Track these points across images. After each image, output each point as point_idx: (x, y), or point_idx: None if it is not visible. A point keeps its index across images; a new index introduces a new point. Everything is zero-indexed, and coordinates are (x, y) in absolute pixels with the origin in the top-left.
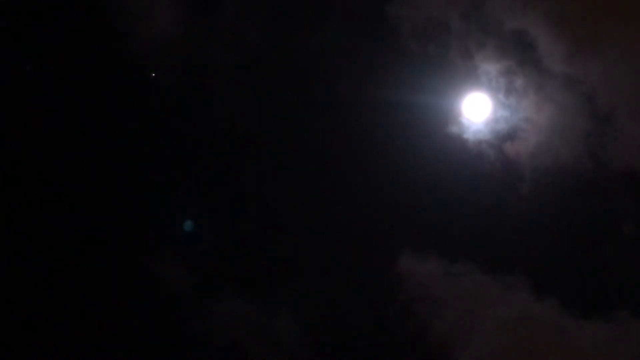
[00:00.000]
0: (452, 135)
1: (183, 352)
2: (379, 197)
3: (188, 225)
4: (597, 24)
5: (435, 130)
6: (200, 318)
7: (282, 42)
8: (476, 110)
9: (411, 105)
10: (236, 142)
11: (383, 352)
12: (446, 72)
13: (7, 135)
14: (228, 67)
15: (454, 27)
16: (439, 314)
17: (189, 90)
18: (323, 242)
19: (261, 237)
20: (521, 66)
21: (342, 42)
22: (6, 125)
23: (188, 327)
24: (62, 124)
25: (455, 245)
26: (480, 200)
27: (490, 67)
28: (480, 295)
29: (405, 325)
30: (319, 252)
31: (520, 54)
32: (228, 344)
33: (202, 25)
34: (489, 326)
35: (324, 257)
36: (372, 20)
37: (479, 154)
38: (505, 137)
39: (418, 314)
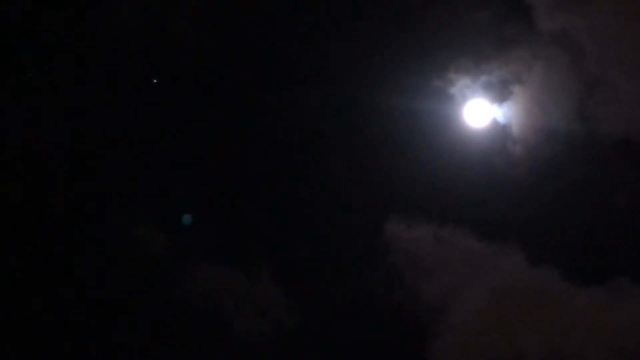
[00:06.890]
0: (439, 95)
1: (164, 318)
2: (364, 161)
3: (169, 192)
4: None
5: (421, 91)
6: (180, 283)
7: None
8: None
9: (394, 66)
10: (218, 114)
11: (370, 322)
12: (431, 31)
13: None
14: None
15: None
16: (427, 282)
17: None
18: (307, 209)
19: (247, 207)
20: (510, 22)
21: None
22: None
23: (168, 293)
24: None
25: (445, 210)
26: (470, 162)
27: (477, 23)
28: (472, 262)
29: (393, 294)
30: (303, 219)
31: (509, 9)
32: (209, 309)
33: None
34: (481, 295)
35: (308, 224)
36: None
37: (467, 114)
38: (494, 97)
39: (406, 281)
